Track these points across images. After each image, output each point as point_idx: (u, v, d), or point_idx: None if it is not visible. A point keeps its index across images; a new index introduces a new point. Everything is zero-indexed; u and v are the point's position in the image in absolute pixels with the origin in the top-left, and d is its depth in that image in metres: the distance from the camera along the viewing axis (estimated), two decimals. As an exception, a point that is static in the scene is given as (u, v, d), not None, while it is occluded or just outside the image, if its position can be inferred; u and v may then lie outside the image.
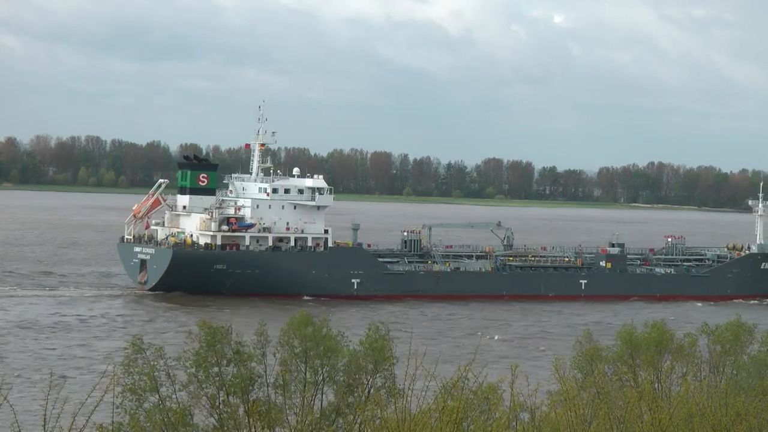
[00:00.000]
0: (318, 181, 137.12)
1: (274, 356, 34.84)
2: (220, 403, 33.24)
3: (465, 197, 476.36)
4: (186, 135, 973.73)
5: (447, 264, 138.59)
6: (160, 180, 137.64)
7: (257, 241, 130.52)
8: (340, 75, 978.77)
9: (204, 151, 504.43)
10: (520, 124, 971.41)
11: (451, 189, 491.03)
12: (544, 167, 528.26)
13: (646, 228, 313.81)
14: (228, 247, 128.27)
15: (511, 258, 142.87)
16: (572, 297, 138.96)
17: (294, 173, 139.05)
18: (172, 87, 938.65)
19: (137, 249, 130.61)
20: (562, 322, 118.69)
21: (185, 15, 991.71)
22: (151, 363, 32.76)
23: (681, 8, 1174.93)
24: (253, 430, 32.78)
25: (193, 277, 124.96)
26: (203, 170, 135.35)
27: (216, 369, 33.31)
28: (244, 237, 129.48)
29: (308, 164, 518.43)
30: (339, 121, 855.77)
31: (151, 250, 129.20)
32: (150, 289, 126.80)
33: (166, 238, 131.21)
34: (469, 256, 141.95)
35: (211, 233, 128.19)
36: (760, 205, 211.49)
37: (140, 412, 32.10)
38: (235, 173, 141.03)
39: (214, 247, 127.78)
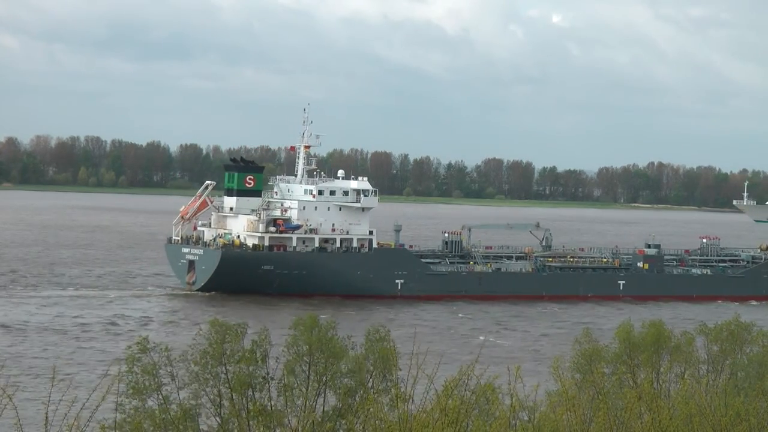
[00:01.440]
0: (363, 183, 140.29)
1: (276, 360, 34.92)
2: (221, 403, 33.30)
3: (465, 197, 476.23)
4: (186, 135, 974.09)
5: (489, 265, 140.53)
6: (207, 182, 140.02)
7: (303, 242, 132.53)
8: (338, 75, 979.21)
9: (204, 152, 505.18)
10: (520, 123, 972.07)
11: (451, 189, 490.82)
12: (544, 167, 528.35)
13: (647, 229, 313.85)
14: (275, 248, 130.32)
15: (550, 259, 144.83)
16: (611, 297, 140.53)
17: (339, 175, 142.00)
18: (171, 87, 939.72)
19: (185, 250, 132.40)
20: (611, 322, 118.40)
21: (182, 14, 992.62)
22: (155, 362, 32.83)
23: (678, 8, 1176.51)
24: (255, 431, 32.87)
25: (240, 278, 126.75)
26: (250, 172, 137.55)
27: (221, 368, 33.38)
28: (291, 238, 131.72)
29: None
30: (338, 121, 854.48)
31: (200, 251, 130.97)
32: (198, 290, 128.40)
33: (214, 239, 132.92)
34: (509, 257, 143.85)
35: (259, 234, 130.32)
36: (745, 202, 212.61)
37: (142, 411, 32.18)
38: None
39: (261, 248, 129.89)
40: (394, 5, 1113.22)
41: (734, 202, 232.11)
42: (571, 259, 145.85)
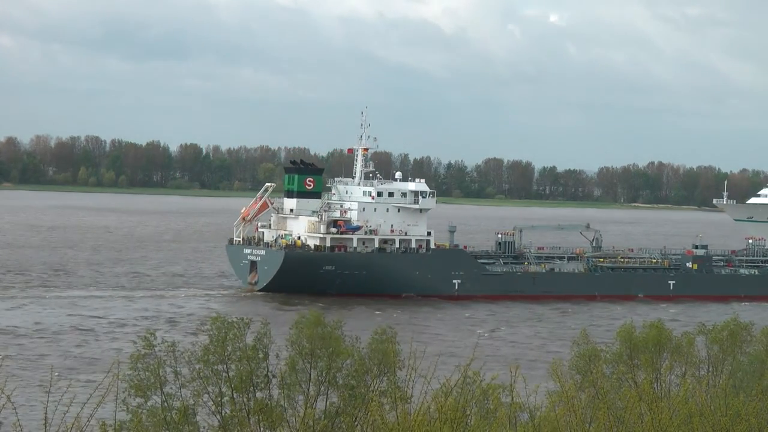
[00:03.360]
0: (420, 185, 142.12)
1: (277, 356, 34.96)
2: (222, 402, 33.30)
3: (465, 197, 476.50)
4: (185, 135, 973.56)
5: (542, 265, 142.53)
6: (267, 184, 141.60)
7: (363, 243, 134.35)
8: (336, 74, 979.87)
9: (204, 151, 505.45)
10: (519, 123, 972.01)
11: (451, 189, 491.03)
12: (544, 167, 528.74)
13: (648, 229, 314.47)
14: (336, 249, 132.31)
15: (601, 259, 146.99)
16: (661, 297, 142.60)
17: (396, 177, 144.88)
18: (170, 86, 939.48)
19: (247, 251, 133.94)
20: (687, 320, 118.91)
21: (178, 13, 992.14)
22: (159, 359, 32.84)
23: (675, 7, 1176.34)
24: (256, 429, 32.87)
25: (302, 278, 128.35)
26: (309, 174, 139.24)
27: (223, 366, 33.40)
28: (351, 239, 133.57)
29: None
30: (338, 121, 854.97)
31: (262, 252, 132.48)
32: (260, 290, 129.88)
33: (275, 240, 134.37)
34: (561, 258, 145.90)
35: (321, 235, 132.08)
36: (725, 201, 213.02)
37: (143, 409, 32.19)
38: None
39: (323, 249, 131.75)
40: (390, 4, 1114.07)
41: (714, 201, 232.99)
42: (622, 260, 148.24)
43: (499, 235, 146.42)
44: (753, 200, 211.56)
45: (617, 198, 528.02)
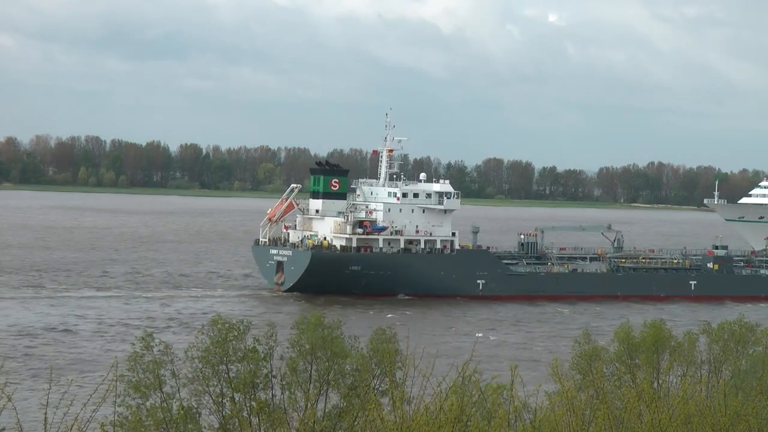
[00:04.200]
0: (445, 186, 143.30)
1: (281, 358, 34.98)
2: (224, 402, 33.30)
3: (465, 197, 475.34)
4: (185, 135, 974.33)
5: (565, 266, 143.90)
6: (293, 185, 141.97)
7: (389, 244, 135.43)
8: (335, 74, 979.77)
9: (204, 151, 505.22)
10: (519, 123, 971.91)
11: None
12: (544, 167, 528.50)
13: (648, 228, 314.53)
14: (362, 249, 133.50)
15: (623, 260, 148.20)
16: (682, 297, 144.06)
17: (421, 178, 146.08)
18: (169, 86, 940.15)
19: (273, 251, 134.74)
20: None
21: (177, 13, 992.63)
22: (157, 360, 32.83)
23: (673, 7, 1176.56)
24: (257, 429, 32.87)
25: (328, 278, 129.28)
26: (335, 175, 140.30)
27: (223, 366, 33.42)
28: (377, 240, 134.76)
29: (308, 164, 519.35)
30: (337, 121, 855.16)
31: (289, 252, 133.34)
32: (286, 290, 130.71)
33: (301, 240, 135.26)
34: (583, 258, 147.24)
35: (347, 236, 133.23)
36: (716, 201, 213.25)
37: (143, 409, 32.19)
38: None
39: (349, 249, 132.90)
40: (388, 4, 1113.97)
41: (705, 201, 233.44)
42: (643, 260, 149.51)
43: (522, 236, 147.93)
44: (744, 200, 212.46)
45: (617, 198, 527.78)
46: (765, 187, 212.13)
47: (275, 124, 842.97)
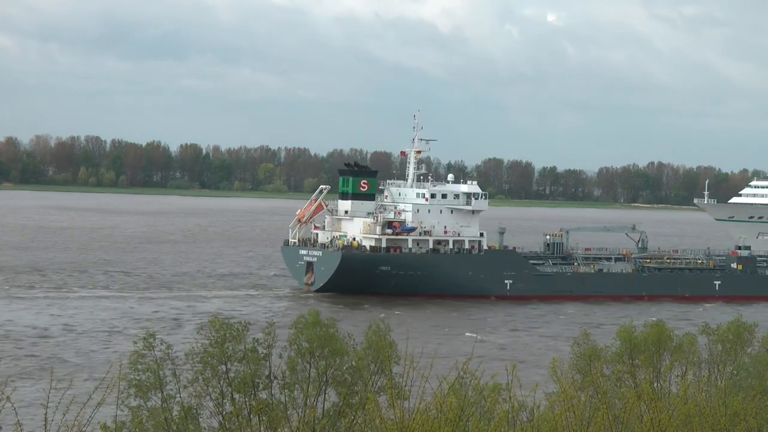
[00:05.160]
0: (473, 187, 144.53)
1: (280, 356, 35.01)
2: (224, 402, 33.33)
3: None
4: (185, 135, 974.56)
5: (591, 266, 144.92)
6: (322, 186, 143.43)
7: (418, 244, 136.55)
8: (334, 74, 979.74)
9: (204, 151, 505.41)
10: (518, 123, 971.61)
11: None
12: (544, 167, 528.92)
13: (649, 228, 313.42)
14: (391, 250, 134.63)
15: (648, 260, 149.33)
16: (707, 297, 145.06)
17: (449, 179, 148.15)
18: (168, 86, 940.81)
19: (303, 252, 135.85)
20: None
21: (175, 13, 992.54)
22: (158, 360, 32.86)
23: (672, 7, 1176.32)
24: (257, 429, 32.89)
25: (358, 278, 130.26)
26: (364, 177, 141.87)
27: (223, 367, 33.44)
28: (406, 240, 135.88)
29: (308, 164, 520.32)
30: (336, 121, 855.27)
31: (319, 253, 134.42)
32: (316, 290, 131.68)
33: (331, 241, 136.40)
34: (608, 259, 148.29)
35: (376, 236, 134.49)
36: (706, 201, 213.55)
37: (143, 409, 32.21)
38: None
39: (379, 250, 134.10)
40: (387, 4, 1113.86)
41: (695, 201, 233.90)
42: (668, 261, 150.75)
43: (548, 236, 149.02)
44: (734, 200, 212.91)
45: (617, 198, 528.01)
46: (755, 187, 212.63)
47: (275, 124, 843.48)
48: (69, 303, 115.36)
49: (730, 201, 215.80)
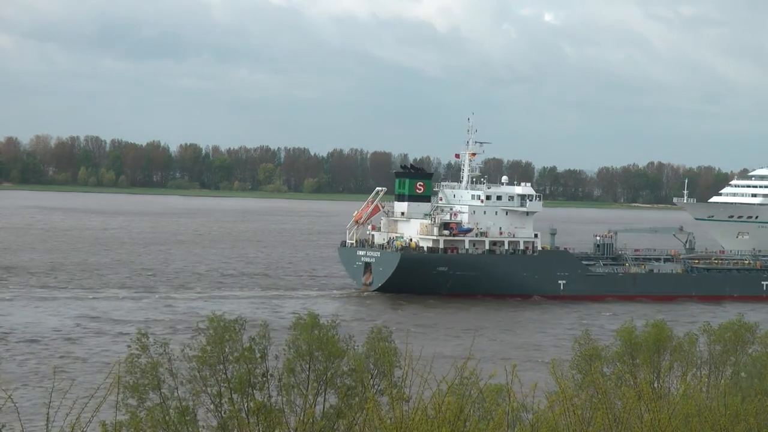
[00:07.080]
0: (527, 189, 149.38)
1: (276, 357, 34.97)
2: (222, 402, 33.32)
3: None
4: (185, 135, 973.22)
5: (642, 266, 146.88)
6: (378, 188, 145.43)
7: (474, 245, 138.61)
8: (333, 74, 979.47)
9: (204, 151, 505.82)
10: (517, 123, 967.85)
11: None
12: (544, 167, 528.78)
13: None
14: (448, 251, 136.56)
15: (696, 261, 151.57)
16: (755, 298, 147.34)
17: (503, 181, 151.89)
18: (166, 86, 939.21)
19: (360, 252, 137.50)
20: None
21: (172, 13, 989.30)
22: (155, 360, 32.82)
23: (669, 6, 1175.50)
24: (255, 430, 32.88)
25: (416, 279, 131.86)
26: (420, 179, 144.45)
27: (221, 366, 33.41)
28: (463, 241, 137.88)
29: (308, 164, 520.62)
30: (336, 121, 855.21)
31: (377, 254, 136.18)
32: (375, 290, 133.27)
33: (388, 242, 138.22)
34: (657, 259, 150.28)
35: (434, 237, 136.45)
36: (685, 200, 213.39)
37: (141, 409, 32.19)
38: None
39: (437, 251, 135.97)
40: (384, 3, 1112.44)
41: (674, 200, 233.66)
42: (716, 261, 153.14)
43: (598, 237, 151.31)
44: (714, 199, 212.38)
45: (617, 198, 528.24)
46: (735, 186, 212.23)
47: (275, 124, 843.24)
48: (120, 304, 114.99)
49: (709, 200, 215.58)
